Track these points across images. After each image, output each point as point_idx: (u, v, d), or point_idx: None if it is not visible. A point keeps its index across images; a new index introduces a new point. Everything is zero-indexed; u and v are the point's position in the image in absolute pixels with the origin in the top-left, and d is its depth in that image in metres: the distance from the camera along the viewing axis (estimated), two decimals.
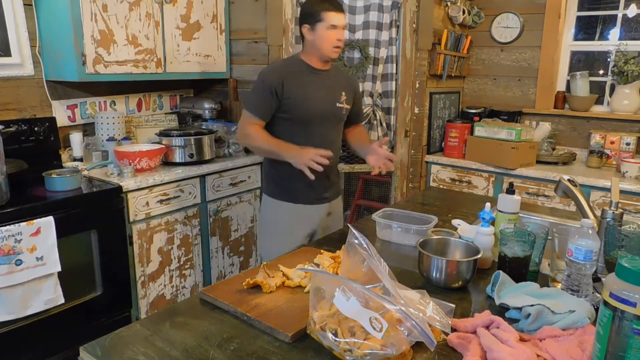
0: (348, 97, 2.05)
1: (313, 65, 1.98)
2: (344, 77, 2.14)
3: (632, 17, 3.16)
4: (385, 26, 3.01)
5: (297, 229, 2.05)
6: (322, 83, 1.99)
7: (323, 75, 2.00)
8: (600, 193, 2.73)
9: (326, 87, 1.99)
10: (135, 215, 2.30)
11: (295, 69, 1.97)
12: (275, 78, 1.92)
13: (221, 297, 1.15)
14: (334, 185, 2.15)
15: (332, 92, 2.00)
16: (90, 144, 2.56)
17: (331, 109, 2.00)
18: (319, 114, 1.97)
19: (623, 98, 3.11)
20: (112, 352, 0.96)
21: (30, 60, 2.43)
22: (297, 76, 1.95)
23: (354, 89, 2.12)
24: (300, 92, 1.93)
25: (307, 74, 1.97)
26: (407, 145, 3.23)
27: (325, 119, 1.99)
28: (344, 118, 2.08)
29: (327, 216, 2.12)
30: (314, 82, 1.97)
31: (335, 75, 2.05)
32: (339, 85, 2.03)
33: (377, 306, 0.91)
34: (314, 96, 1.95)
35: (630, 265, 0.81)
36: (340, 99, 2.02)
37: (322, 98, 1.97)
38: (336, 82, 2.04)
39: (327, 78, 2.00)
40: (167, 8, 2.63)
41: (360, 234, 1.00)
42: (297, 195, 2.03)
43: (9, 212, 1.83)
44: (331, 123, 2.03)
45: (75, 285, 2.08)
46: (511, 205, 1.47)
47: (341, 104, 2.02)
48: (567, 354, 0.90)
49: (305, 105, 1.94)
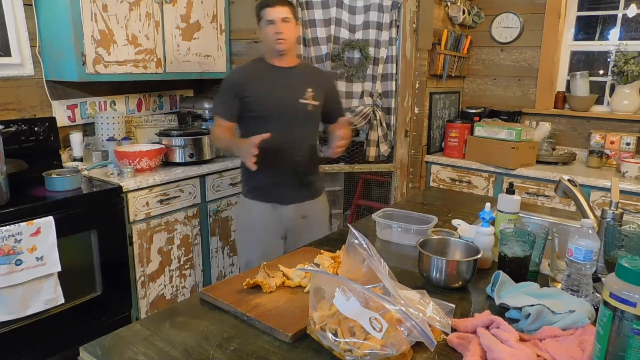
0: (316, 94, 2.02)
1: (273, 63, 2.01)
2: (314, 73, 2.13)
3: (632, 17, 3.16)
4: (385, 26, 3.01)
5: (266, 229, 2.05)
6: (283, 80, 2.00)
7: (285, 72, 2.01)
8: (600, 193, 2.73)
9: (288, 83, 2.00)
10: (135, 215, 2.30)
11: (257, 68, 2.02)
12: (236, 79, 2.01)
13: (221, 297, 1.15)
14: (305, 185, 2.10)
15: (294, 89, 2.00)
16: (90, 144, 2.56)
17: (293, 105, 1.99)
18: (280, 110, 1.97)
19: (623, 98, 3.11)
20: (112, 352, 0.96)
21: (30, 60, 2.43)
22: (259, 75, 2.00)
23: (324, 85, 2.09)
24: (260, 89, 1.97)
25: (268, 72, 2.00)
26: (407, 145, 3.23)
27: (288, 115, 1.99)
28: (312, 116, 2.05)
29: (301, 219, 2.08)
30: (274, 79, 2.00)
31: (301, 72, 2.06)
32: (304, 82, 2.03)
33: (377, 306, 0.91)
34: (274, 92, 1.97)
35: (630, 265, 0.81)
36: (304, 95, 2.00)
37: (283, 94, 1.98)
38: (301, 78, 2.04)
39: (290, 75, 2.02)
40: (167, 8, 2.63)
41: (360, 234, 1.00)
42: (264, 194, 2.04)
43: (9, 212, 1.83)
44: (297, 120, 2.01)
45: (75, 285, 2.07)
46: (511, 205, 1.47)
47: (305, 100, 2.00)
48: (567, 354, 0.90)
49: (265, 102, 1.97)
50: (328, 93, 2.10)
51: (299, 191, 2.07)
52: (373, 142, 3.15)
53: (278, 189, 2.03)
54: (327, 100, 2.09)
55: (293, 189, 2.05)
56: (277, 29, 1.92)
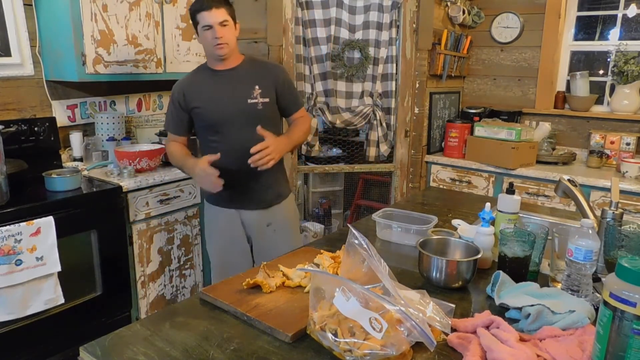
0: (265, 90, 1.91)
1: (215, 68, 1.93)
2: (258, 69, 1.97)
3: (632, 17, 3.16)
4: (385, 26, 3.01)
5: (229, 235, 2.01)
6: (227, 82, 1.91)
7: (229, 74, 1.91)
8: (600, 193, 2.73)
9: (233, 85, 1.90)
10: (135, 215, 2.30)
11: (199, 76, 1.95)
12: (178, 91, 1.94)
13: (221, 297, 1.15)
14: (267, 189, 1.99)
15: (240, 90, 1.90)
16: (90, 144, 2.56)
17: (241, 107, 1.89)
18: (229, 115, 1.89)
19: (623, 98, 3.11)
20: (112, 352, 0.96)
21: (30, 60, 2.43)
22: (201, 83, 1.92)
23: (272, 78, 1.95)
24: (205, 98, 1.90)
25: (211, 78, 1.92)
26: (407, 145, 3.23)
27: (238, 119, 1.89)
28: (265, 114, 1.92)
29: (266, 227, 2.01)
30: (218, 84, 1.91)
31: (245, 71, 1.94)
32: (249, 80, 1.91)
33: (377, 306, 0.91)
34: (219, 98, 1.89)
35: (630, 265, 0.81)
36: (252, 94, 1.89)
37: (230, 98, 1.89)
38: (245, 77, 1.92)
39: (234, 76, 1.92)
40: (167, 8, 2.63)
41: (360, 234, 1.00)
42: (225, 200, 1.97)
43: (9, 212, 1.83)
44: (249, 122, 1.86)
45: (75, 285, 2.07)
46: (511, 205, 1.47)
47: (254, 99, 1.89)
48: (567, 354, 0.90)
49: (213, 110, 1.89)
50: (278, 86, 1.96)
51: (260, 195, 1.98)
52: (373, 142, 3.16)
53: (238, 195, 1.95)
54: (278, 94, 1.96)
55: (254, 193, 1.96)
56: (216, 34, 1.81)
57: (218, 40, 1.82)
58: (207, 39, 1.84)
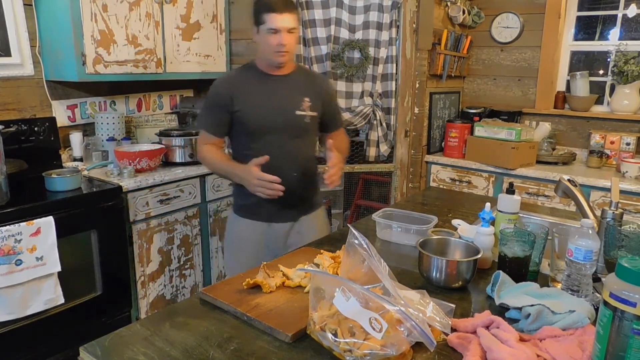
0: (313, 103, 1.83)
1: (266, 71, 1.80)
2: (309, 80, 1.89)
3: (632, 17, 3.16)
4: (385, 26, 3.01)
5: (257, 248, 1.88)
6: (277, 90, 1.80)
7: (279, 80, 1.81)
8: (600, 193, 2.73)
9: (283, 94, 1.80)
10: (135, 215, 2.30)
11: (248, 77, 1.82)
12: (224, 91, 1.79)
13: (221, 297, 1.15)
14: (302, 201, 1.91)
15: (290, 99, 1.80)
16: (90, 144, 2.56)
17: (288, 118, 1.79)
18: (274, 124, 1.78)
19: (623, 98, 3.11)
20: (112, 352, 0.96)
21: (30, 60, 2.43)
22: (249, 85, 1.79)
23: (321, 92, 1.88)
24: (250, 102, 1.77)
25: (260, 81, 1.80)
26: (407, 145, 3.23)
27: (283, 129, 1.79)
28: (309, 127, 1.85)
29: (297, 235, 1.91)
30: (267, 89, 1.79)
31: (296, 79, 1.84)
32: (300, 91, 1.82)
33: (376, 306, 0.91)
34: (267, 105, 1.78)
35: (630, 265, 0.81)
36: (301, 105, 1.80)
37: (277, 107, 1.79)
38: (297, 87, 1.83)
39: (284, 83, 1.82)
40: (167, 8, 2.63)
41: (360, 234, 1.00)
42: (256, 212, 1.86)
43: (9, 212, 1.83)
44: (293, 134, 1.81)
45: (75, 285, 2.07)
46: (511, 205, 1.47)
47: (302, 112, 1.80)
48: (567, 354, 0.90)
49: (257, 117, 1.77)
50: (325, 101, 1.89)
51: (294, 209, 1.89)
52: (373, 142, 3.15)
53: (271, 208, 1.83)
54: (324, 109, 1.89)
55: (288, 207, 1.86)
56: (282, 40, 1.69)
57: (283, 48, 1.70)
58: (270, 43, 1.70)
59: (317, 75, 2.00)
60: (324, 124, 1.94)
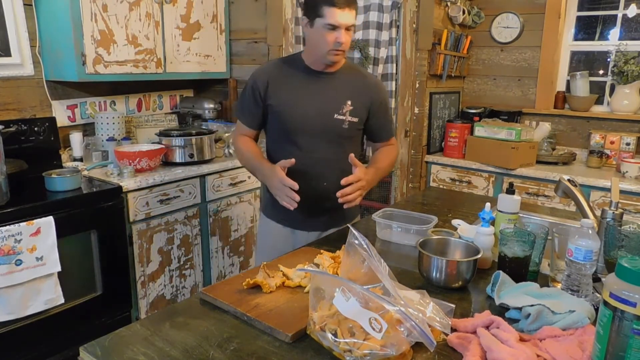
0: (357, 108, 1.67)
1: (312, 66, 1.66)
2: (359, 82, 1.71)
3: (632, 17, 3.16)
4: (385, 26, 3.01)
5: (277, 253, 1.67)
6: (319, 88, 1.65)
7: (324, 78, 1.66)
8: (600, 193, 2.73)
9: (325, 93, 1.65)
10: (135, 215, 2.30)
11: (290, 69, 1.67)
12: (261, 79, 1.66)
13: (221, 297, 1.15)
14: (332, 212, 1.74)
15: (331, 100, 1.65)
16: (90, 144, 2.56)
17: (325, 120, 1.64)
18: (307, 126, 1.64)
19: (623, 98, 3.11)
20: (112, 352, 0.96)
21: (30, 60, 2.43)
22: (289, 78, 1.66)
23: (370, 96, 1.70)
24: (286, 97, 1.64)
25: (302, 76, 1.66)
26: (407, 145, 3.23)
27: (317, 133, 1.65)
28: (348, 134, 1.69)
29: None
30: (307, 86, 1.65)
31: (343, 80, 1.68)
32: (344, 93, 1.66)
33: (376, 307, 0.91)
34: (304, 103, 1.63)
35: (630, 265, 0.81)
36: (342, 109, 1.65)
37: (315, 106, 1.63)
38: (342, 88, 1.67)
39: (330, 82, 1.66)
40: (167, 8, 2.63)
41: (360, 234, 1.00)
42: (282, 216, 1.75)
43: (9, 212, 1.83)
44: (327, 139, 1.66)
45: (75, 285, 2.07)
46: (511, 205, 1.47)
47: (342, 116, 1.65)
48: (567, 354, 0.90)
49: (290, 113, 1.64)
50: (374, 106, 1.72)
51: (319, 219, 1.75)
52: None
53: (296, 214, 1.67)
54: (371, 115, 1.73)
55: (314, 216, 1.73)
56: (340, 38, 1.54)
57: (340, 46, 1.56)
58: (325, 40, 1.55)
59: (367, 77, 1.79)
60: (373, 132, 1.79)
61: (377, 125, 1.77)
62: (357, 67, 1.83)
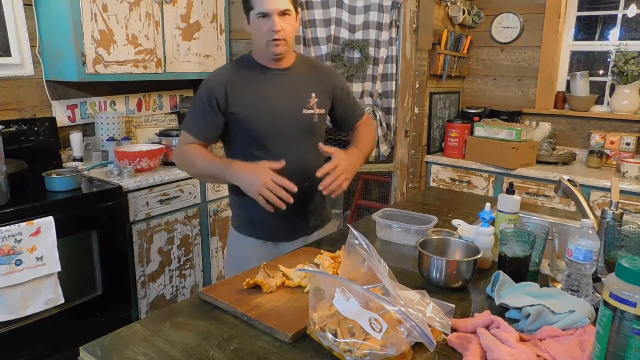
0: (322, 99, 1.61)
1: (265, 64, 1.55)
2: (315, 72, 1.65)
3: (632, 17, 3.16)
4: (385, 26, 3.01)
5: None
6: (281, 86, 1.56)
7: (281, 75, 1.57)
8: (600, 193, 2.73)
9: (288, 90, 1.56)
10: (135, 216, 2.30)
11: (244, 72, 1.56)
12: (217, 87, 1.52)
13: (221, 297, 1.15)
14: (312, 214, 1.67)
15: (296, 96, 1.57)
16: (90, 144, 2.56)
17: (296, 118, 1.56)
18: (280, 127, 1.54)
19: (623, 98, 3.11)
20: (112, 352, 0.96)
21: (30, 60, 2.43)
22: (246, 82, 1.54)
23: (331, 85, 1.65)
24: (249, 102, 1.52)
25: (259, 77, 1.55)
26: (407, 145, 3.23)
27: (290, 132, 1.56)
28: (318, 127, 1.62)
29: None
30: (267, 86, 1.55)
31: (300, 72, 1.60)
32: (306, 86, 1.59)
33: (376, 307, 0.91)
34: (270, 105, 1.53)
35: (630, 265, 0.81)
36: (308, 103, 1.57)
37: (282, 106, 1.55)
38: (301, 81, 1.59)
39: (289, 78, 1.58)
40: (167, 8, 2.63)
41: (360, 234, 1.00)
42: (261, 229, 1.62)
43: (9, 212, 1.83)
44: (301, 137, 1.58)
45: (75, 285, 2.08)
46: (511, 205, 1.47)
47: (309, 110, 1.57)
48: (567, 354, 0.90)
49: (258, 119, 1.52)
50: (336, 94, 1.66)
51: (304, 223, 1.66)
52: None
53: (279, 223, 1.59)
54: (336, 104, 1.68)
55: (298, 221, 1.64)
56: (273, 26, 1.44)
57: (275, 35, 1.45)
58: (261, 30, 1.46)
59: (322, 66, 1.73)
60: (343, 120, 1.73)
61: (344, 111, 1.72)
62: (310, 59, 1.77)
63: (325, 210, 1.75)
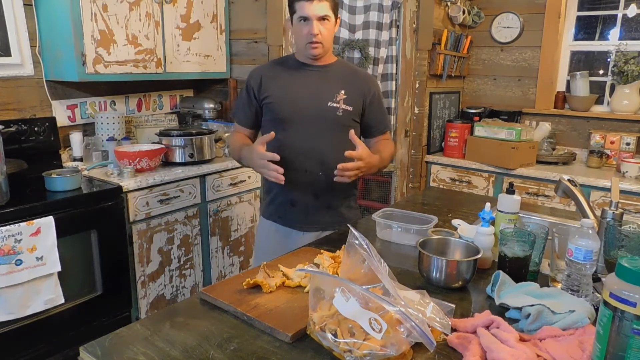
0: (351, 97, 1.70)
1: (303, 61, 1.73)
2: (351, 74, 1.77)
3: (632, 17, 3.16)
4: (385, 26, 3.01)
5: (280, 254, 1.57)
6: (312, 79, 1.70)
7: (316, 70, 1.72)
8: (600, 193, 2.73)
9: (317, 83, 1.70)
10: (135, 215, 2.30)
11: (283, 65, 1.75)
12: (255, 76, 1.74)
13: (221, 297, 1.15)
14: (330, 209, 1.74)
15: (324, 89, 1.69)
16: (90, 144, 2.56)
17: (319, 108, 1.67)
18: (302, 112, 1.67)
19: (623, 98, 3.11)
20: (112, 352, 0.96)
21: (30, 60, 2.43)
22: (282, 73, 1.72)
23: (363, 88, 1.74)
24: (280, 89, 1.70)
25: (295, 70, 1.72)
26: (407, 145, 3.23)
27: (312, 120, 1.67)
28: (343, 122, 1.70)
29: None
30: (300, 78, 1.71)
31: (336, 71, 1.74)
32: (337, 82, 1.71)
33: (376, 307, 0.91)
34: (296, 92, 1.69)
35: (630, 265, 0.81)
36: (335, 97, 1.68)
37: (308, 94, 1.68)
38: (333, 78, 1.72)
39: (322, 74, 1.71)
40: (167, 8, 2.63)
41: (360, 234, 1.00)
42: (279, 215, 1.76)
43: (9, 212, 1.83)
44: (322, 127, 1.68)
45: (75, 285, 2.08)
46: (511, 205, 1.47)
47: (335, 104, 1.68)
48: (567, 354, 0.90)
49: (285, 102, 1.68)
50: (367, 98, 1.75)
51: (319, 216, 1.73)
52: None
53: (293, 211, 1.72)
54: (366, 108, 1.76)
55: (312, 213, 1.72)
56: (312, 30, 1.59)
57: (313, 38, 1.60)
58: (301, 33, 1.61)
59: (361, 72, 1.85)
60: (367, 126, 1.81)
61: (372, 118, 1.80)
62: (349, 64, 1.89)
63: (347, 210, 1.80)
